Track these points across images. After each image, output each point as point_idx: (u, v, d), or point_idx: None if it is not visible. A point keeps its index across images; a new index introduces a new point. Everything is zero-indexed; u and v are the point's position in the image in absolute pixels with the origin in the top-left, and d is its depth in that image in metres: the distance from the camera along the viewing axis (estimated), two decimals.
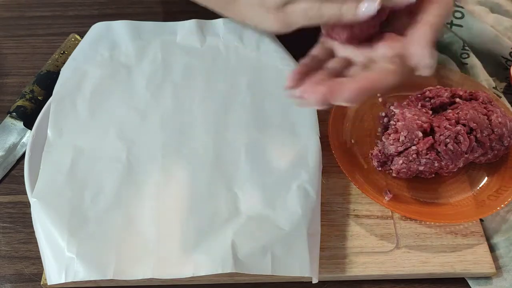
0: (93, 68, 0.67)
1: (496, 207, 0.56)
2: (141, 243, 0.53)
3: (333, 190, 0.61)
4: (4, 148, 0.66)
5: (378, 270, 0.55)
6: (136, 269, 0.50)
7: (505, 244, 0.57)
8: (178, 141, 0.61)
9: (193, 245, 0.53)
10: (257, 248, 0.51)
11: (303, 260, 0.51)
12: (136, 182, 0.57)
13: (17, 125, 0.68)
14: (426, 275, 0.55)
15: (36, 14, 0.84)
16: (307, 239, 0.52)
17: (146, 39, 0.70)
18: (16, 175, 0.64)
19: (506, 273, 0.55)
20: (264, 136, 0.61)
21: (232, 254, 0.50)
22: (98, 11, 0.84)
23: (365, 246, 0.57)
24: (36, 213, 0.54)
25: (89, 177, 0.57)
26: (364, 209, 0.60)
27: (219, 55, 0.69)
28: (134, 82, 0.66)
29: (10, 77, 0.75)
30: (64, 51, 0.74)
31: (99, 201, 0.55)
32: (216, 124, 0.62)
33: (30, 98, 0.69)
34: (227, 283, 0.55)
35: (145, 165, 0.59)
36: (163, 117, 0.63)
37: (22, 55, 0.78)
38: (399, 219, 0.59)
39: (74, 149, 0.59)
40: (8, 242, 0.59)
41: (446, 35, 0.71)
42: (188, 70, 0.67)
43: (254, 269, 0.50)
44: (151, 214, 0.55)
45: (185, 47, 0.70)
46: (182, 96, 0.65)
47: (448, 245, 0.57)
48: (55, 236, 0.52)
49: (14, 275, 0.56)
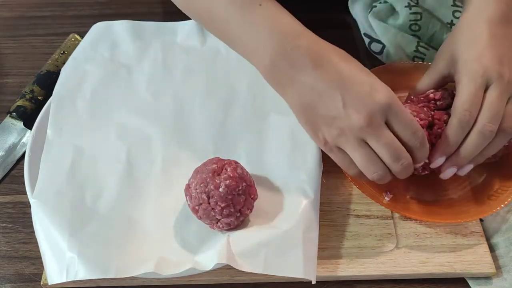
0: (93, 68, 0.67)
1: (496, 207, 0.56)
2: (142, 242, 0.53)
3: (333, 190, 0.61)
4: (4, 148, 0.66)
5: (378, 270, 0.55)
6: (136, 268, 0.50)
7: (505, 244, 0.57)
8: (178, 141, 0.61)
9: (193, 243, 0.53)
10: (252, 246, 0.51)
11: (297, 261, 0.51)
12: (136, 182, 0.57)
13: (17, 125, 0.68)
14: (426, 275, 0.55)
15: (36, 14, 0.84)
16: (302, 240, 0.52)
17: (146, 39, 0.70)
18: (16, 175, 0.64)
19: (506, 273, 0.55)
20: (264, 137, 0.61)
21: (227, 249, 0.50)
22: (98, 11, 0.84)
23: (365, 246, 0.57)
24: (36, 213, 0.54)
25: (89, 177, 0.57)
26: (364, 209, 0.60)
27: (219, 55, 0.69)
28: (134, 82, 0.66)
29: (10, 77, 0.75)
30: (64, 51, 0.74)
31: (99, 201, 0.55)
32: (216, 124, 0.62)
33: (30, 98, 0.69)
34: (227, 283, 0.55)
35: (145, 165, 0.59)
36: (163, 117, 0.63)
37: (22, 55, 0.78)
38: (399, 219, 0.59)
39: (74, 149, 0.59)
40: (8, 242, 0.59)
41: (446, 35, 0.71)
42: (189, 70, 0.68)
43: (247, 266, 0.50)
44: (151, 214, 0.55)
45: (186, 47, 0.70)
46: (182, 96, 0.65)
47: (448, 245, 0.57)
48: (56, 236, 0.52)
49: (14, 275, 0.56)
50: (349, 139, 0.50)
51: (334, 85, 0.49)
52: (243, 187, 0.52)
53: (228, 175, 0.51)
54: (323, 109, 0.50)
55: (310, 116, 0.51)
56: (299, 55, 0.50)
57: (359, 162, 0.50)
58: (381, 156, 0.50)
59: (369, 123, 0.48)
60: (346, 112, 0.49)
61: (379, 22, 0.72)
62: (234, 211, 0.51)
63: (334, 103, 0.49)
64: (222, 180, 0.51)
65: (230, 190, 0.51)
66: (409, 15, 0.71)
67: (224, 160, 0.53)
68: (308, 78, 0.50)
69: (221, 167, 0.52)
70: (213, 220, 0.52)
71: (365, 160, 0.50)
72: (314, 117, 0.51)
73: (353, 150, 0.50)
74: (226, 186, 0.50)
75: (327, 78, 0.50)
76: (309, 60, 0.50)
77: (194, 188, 0.52)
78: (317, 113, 0.50)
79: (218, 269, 0.51)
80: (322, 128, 0.51)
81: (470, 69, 0.53)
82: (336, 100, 0.49)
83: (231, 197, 0.51)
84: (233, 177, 0.51)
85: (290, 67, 0.51)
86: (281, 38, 0.51)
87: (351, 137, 0.49)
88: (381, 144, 0.49)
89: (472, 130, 0.52)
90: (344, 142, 0.50)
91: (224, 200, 0.51)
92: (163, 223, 0.55)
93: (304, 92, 0.51)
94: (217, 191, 0.51)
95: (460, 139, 0.52)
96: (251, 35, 0.53)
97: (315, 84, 0.50)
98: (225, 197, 0.51)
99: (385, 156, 0.49)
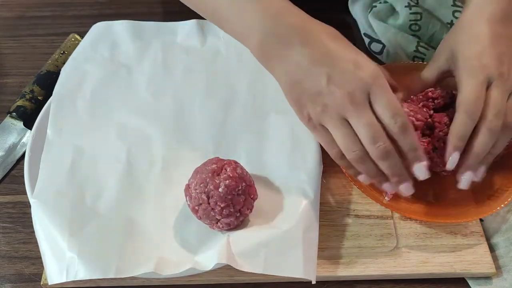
0: (93, 68, 0.67)
1: (496, 207, 0.56)
2: (141, 242, 0.53)
3: (333, 190, 0.61)
4: (4, 148, 0.66)
5: (378, 270, 0.55)
6: (136, 268, 0.50)
7: (505, 244, 0.57)
8: (178, 141, 0.61)
9: (193, 243, 0.53)
10: (252, 246, 0.51)
11: (297, 261, 0.51)
12: (136, 182, 0.57)
13: (17, 125, 0.67)
14: (426, 275, 0.55)
15: (36, 14, 0.84)
16: (302, 240, 0.52)
17: (146, 39, 0.70)
18: (16, 175, 0.64)
19: (506, 273, 0.55)
20: (264, 137, 0.61)
21: (227, 249, 0.50)
22: (98, 11, 0.84)
23: (365, 246, 0.57)
24: (36, 213, 0.54)
25: (89, 177, 0.57)
26: (364, 209, 0.60)
27: (219, 55, 0.69)
28: (134, 82, 0.66)
29: (10, 77, 0.75)
30: (64, 51, 0.74)
31: (99, 201, 0.55)
32: (216, 124, 0.62)
33: (30, 98, 0.69)
34: (227, 283, 0.55)
35: (145, 165, 0.59)
36: (163, 117, 0.63)
37: (22, 55, 0.78)
38: (399, 219, 0.59)
39: (74, 149, 0.59)
40: (8, 242, 0.59)
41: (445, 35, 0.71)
42: (189, 70, 0.67)
43: (247, 266, 0.50)
44: (151, 214, 0.55)
45: (186, 47, 0.70)
46: (182, 96, 0.65)
47: (448, 245, 0.57)
48: (56, 236, 0.52)
49: (14, 275, 0.56)
50: (332, 116, 0.50)
51: (320, 62, 0.50)
52: (242, 187, 0.52)
53: (227, 175, 0.51)
54: (309, 85, 0.50)
55: (296, 93, 0.51)
56: (287, 32, 0.51)
57: (339, 140, 0.50)
58: (360, 136, 0.49)
59: (351, 100, 0.48)
60: (329, 88, 0.49)
61: (379, 22, 0.72)
62: (234, 211, 0.51)
63: (319, 80, 0.49)
64: (222, 180, 0.51)
65: (230, 190, 0.51)
66: (409, 15, 0.71)
67: (223, 160, 0.53)
68: (296, 55, 0.50)
69: (221, 167, 0.52)
70: (213, 220, 0.52)
71: (344, 137, 0.50)
72: (300, 93, 0.51)
73: (334, 128, 0.50)
74: (225, 186, 0.50)
75: (314, 55, 0.50)
76: (297, 37, 0.50)
77: (193, 188, 0.52)
78: (303, 89, 0.50)
79: (218, 269, 0.51)
80: (307, 104, 0.51)
81: (471, 67, 0.53)
82: (321, 76, 0.49)
83: (230, 197, 0.51)
84: (232, 177, 0.51)
85: (278, 44, 0.51)
86: (269, 16, 0.51)
87: (334, 114, 0.49)
88: (361, 124, 0.49)
89: (480, 128, 0.52)
90: (327, 119, 0.50)
91: (223, 200, 0.51)
92: (163, 223, 0.55)
93: (291, 69, 0.51)
94: (217, 191, 0.51)
95: (469, 131, 0.52)
96: (240, 15, 0.53)
97: (302, 61, 0.50)
98: (224, 197, 0.51)
99: (363, 136, 0.49)
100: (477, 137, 0.52)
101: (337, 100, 0.49)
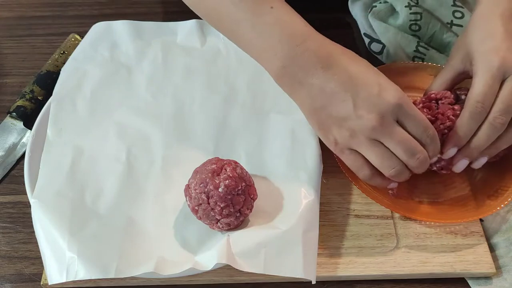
0: (93, 68, 0.67)
1: (496, 207, 0.56)
2: (141, 242, 0.53)
3: (333, 190, 0.61)
4: (4, 148, 0.66)
5: (378, 270, 0.55)
6: (136, 268, 0.50)
7: (505, 244, 0.57)
8: (178, 141, 0.61)
9: (192, 243, 0.53)
10: (252, 246, 0.51)
11: (296, 261, 0.51)
12: (136, 182, 0.57)
13: (17, 125, 0.67)
14: (426, 275, 0.55)
15: (36, 14, 0.84)
16: (302, 240, 0.52)
17: (146, 39, 0.70)
18: (16, 175, 0.64)
19: (506, 273, 0.55)
20: (264, 137, 0.61)
21: (227, 249, 0.50)
22: (98, 11, 0.84)
23: (365, 246, 0.57)
24: (36, 213, 0.54)
25: (89, 177, 0.57)
26: (364, 209, 0.60)
27: (219, 55, 0.69)
28: (134, 82, 0.66)
29: (10, 77, 0.75)
30: (64, 51, 0.74)
31: (100, 201, 0.55)
32: (216, 124, 0.62)
33: (30, 98, 0.69)
34: (227, 283, 0.55)
35: (145, 165, 0.59)
36: (163, 118, 0.63)
37: (22, 55, 0.78)
38: (399, 219, 0.59)
39: (74, 149, 0.59)
40: (8, 242, 0.59)
41: (446, 34, 0.71)
42: (189, 70, 0.67)
43: (247, 266, 0.50)
44: (151, 214, 0.55)
45: (186, 47, 0.70)
46: (182, 96, 0.65)
47: (448, 245, 0.57)
48: (56, 236, 0.52)
49: (14, 275, 0.56)
50: (362, 140, 0.50)
51: (343, 86, 0.50)
52: (242, 187, 0.52)
53: (227, 175, 0.51)
54: (334, 110, 0.50)
55: (320, 118, 0.52)
56: (308, 58, 0.51)
57: (374, 160, 0.51)
58: (397, 153, 0.50)
59: (381, 123, 0.49)
60: (356, 113, 0.49)
61: (379, 22, 0.72)
62: (234, 211, 0.51)
63: (344, 105, 0.50)
64: (222, 180, 0.51)
65: (230, 190, 0.51)
66: (409, 15, 0.71)
67: (223, 160, 0.53)
68: (318, 81, 0.50)
69: (221, 167, 0.52)
70: (213, 220, 0.52)
71: (381, 157, 0.51)
72: (325, 119, 0.51)
73: (367, 150, 0.51)
74: (225, 186, 0.50)
75: (337, 79, 0.50)
76: (318, 62, 0.50)
77: (193, 188, 0.52)
78: (328, 115, 0.51)
79: (218, 269, 0.52)
80: (332, 129, 0.51)
81: (487, 61, 0.53)
82: (346, 101, 0.50)
83: (230, 197, 0.51)
84: (232, 177, 0.51)
85: (299, 70, 0.51)
86: (290, 41, 0.51)
87: (363, 138, 0.50)
88: (396, 142, 0.50)
89: (484, 122, 0.52)
90: (357, 143, 0.51)
91: (223, 200, 0.51)
92: (163, 223, 0.55)
93: (314, 95, 0.51)
94: (217, 191, 0.51)
95: (472, 131, 0.53)
96: (261, 39, 0.53)
97: (324, 86, 0.50)
98: (224, 197, 0.51)
99: (400, 153, 0.50)
100: (479, 131, 0.52)
101: (366, 124, 0.49)
